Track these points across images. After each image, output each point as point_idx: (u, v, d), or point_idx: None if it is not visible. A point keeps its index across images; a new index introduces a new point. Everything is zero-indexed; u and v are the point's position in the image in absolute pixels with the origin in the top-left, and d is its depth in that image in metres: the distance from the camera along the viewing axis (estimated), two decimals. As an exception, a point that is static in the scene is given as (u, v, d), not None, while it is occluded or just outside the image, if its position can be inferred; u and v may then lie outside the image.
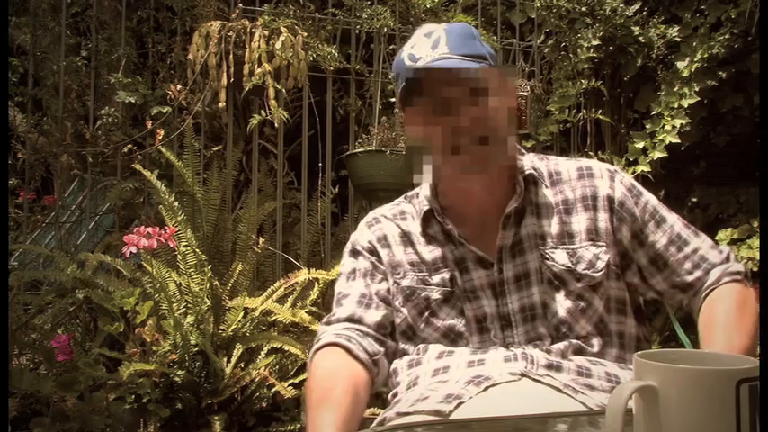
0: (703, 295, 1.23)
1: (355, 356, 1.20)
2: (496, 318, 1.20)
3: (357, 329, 1.24)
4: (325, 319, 1.30)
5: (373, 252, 1.30)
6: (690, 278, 1.25)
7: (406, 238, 1.29)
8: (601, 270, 1.21)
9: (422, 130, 1.20)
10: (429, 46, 1.20)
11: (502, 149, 1.20)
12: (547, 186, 1.27)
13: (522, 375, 1.10)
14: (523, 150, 1.32)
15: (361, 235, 1.33)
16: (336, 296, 1.32)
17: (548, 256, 1.22)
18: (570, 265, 1.21)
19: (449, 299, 1.23)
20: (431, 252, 1.26)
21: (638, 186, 1.30)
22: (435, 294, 1.23)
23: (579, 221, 1.24)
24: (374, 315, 1.26)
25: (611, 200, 1.24)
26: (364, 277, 1.29)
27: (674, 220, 1.28)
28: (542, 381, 1.09)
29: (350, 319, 1.25)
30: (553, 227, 1.24)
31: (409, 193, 1.38)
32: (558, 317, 1.19)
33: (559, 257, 1.21)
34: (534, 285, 1.21)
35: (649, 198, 1.29)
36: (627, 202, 1.25)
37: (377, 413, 1.25)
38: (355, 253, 1.32)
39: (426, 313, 1.24)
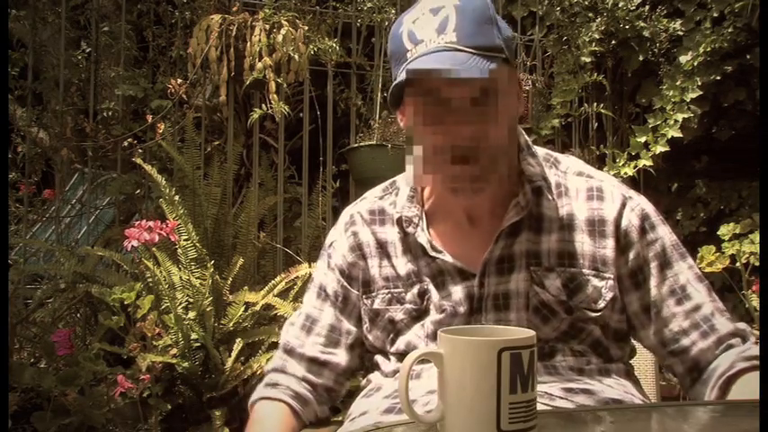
0: (716, 385, 1.01)
1: (302, 420, 1.15)
2: None
3: (315, 390, 1.17)
4: (288, 335, 1.21)
5: (344, 272, 1.17)
6: (684, 341, 1.06)
7: (382, 249, 1.15)
8: (601, 309, 1.06)
9: (415, 130, 1.03)
10: (434, 27, 1.00)
11: (503, 161, 1.03)
12: (551, 199, 1.09)
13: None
14: (534, 150, 1.13)
15: (338, 243, 1.20)
16: (305, 311, 1.21)
17: (538, 280, 1.06)
18: (563, 296, 1.05)
19: (419, 317, 1.11)
20: (406, 264, 1.12)
21: (655, 219, 1.11)
22: (400, 315, 1.11)
23: (582, 244, 1.07)
24: (325, 380, 1.17)
25: (617, 227, 1.07)
26: (334, 307, 1.18)
27: (684, 269, 1.09)
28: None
29: (314, 361, 1.17)
30: (552, 244, 1.07)
31: (396, 180, 1.21)
32: (542, 343, 1.05)
33: (551, 284, 1.06)
34: (513, 311, 1.06)
35: (663, 236, 1.10)
36: (632, 234, 1.08)
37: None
38: (330, 270, 1.20)
39: (392, 334, 1.13)
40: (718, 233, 2.85)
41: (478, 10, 1.02)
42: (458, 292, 1.08)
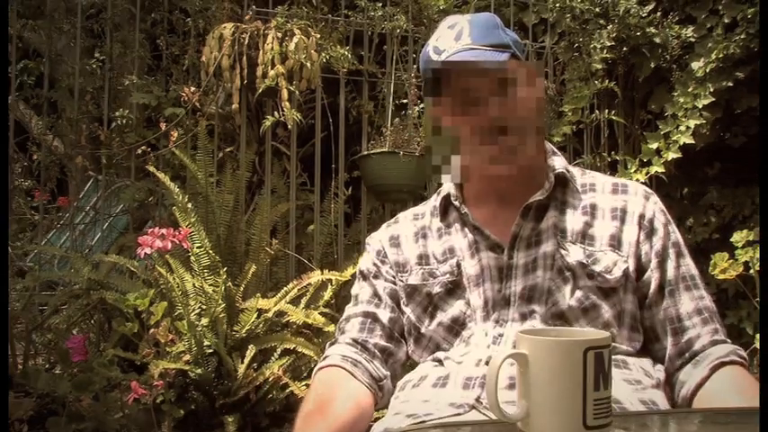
0: (709, 365, 1.11)
1: (359, 380, 1.18)
2: (498, 301, 1.17)
3: (364, 353, 1.22)
4: (337, 331, 1.30)
5: (380, 252, 1.31)
6: (687, 322, 1.16)
7: (421, 233, 1.29)
8: (616, 275, 1.15)
9: (448, 120, 1.17)
10: (452, 38, 1.19)
11: (529, 140, 1.17)
12: (577, 190, 1.24)
13: (472, 408, 1.06)
14: (557, 150, 1.29)
15: (377, 234, 1.34)
16: (352, 300, 1.32)
17: (563, 246, 1.18)
18: (585, 261, 1.16)
19: (453, 290, 1.21)
20: (443, 243, 1.25)
21: (669, 216, 1.25)
22: (437, 288, 1.22)
23: (604, 227, 1.20)
24: (377, 338, 1.24)
25: (641, 216, 1.21)
26: (372, 287, 1.29)
27: (692, 264, 1.22)
28: (488, 415, 1.03)
29: (355, 342, 1.23)
30: (576, 224, 1.20)
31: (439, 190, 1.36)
32: (558, 307, 1.14)
33: (575, 252, 1.17)
34: (540, 269, 1.17)
35: (676, 231, 1.24)
36: (656, 221, 1.21)
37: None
38: (368, 254, 1.33)
39: (430, 308, 1.22)
40: (731, 240, 2.84)
41: (487, 20, 1.23)
42: (487, 260, 1.20)
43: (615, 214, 1.21)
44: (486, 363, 1.10)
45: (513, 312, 1.16)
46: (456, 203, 1.26)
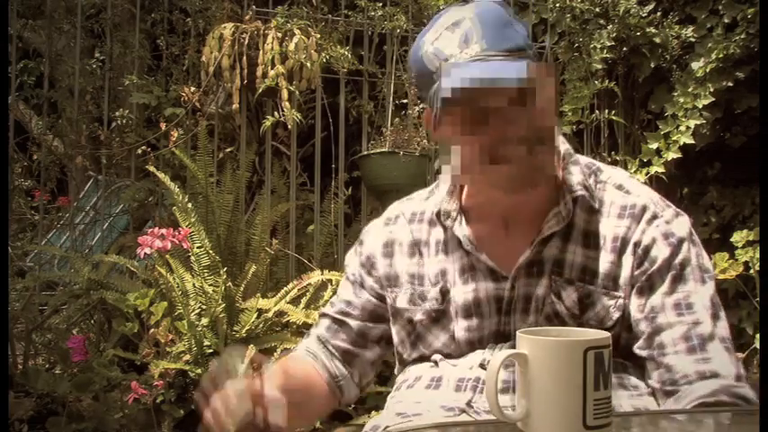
0: (691, 405, 0.96)
1: (317, 371, 1.19)
2: (493, 336, 1.08)
3: (325, 351, 1.21)
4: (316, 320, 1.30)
5: (369, 260, 1.20)
6: (668, 349, 1.00)
7: (415, 247, 1.16)
8: (607, 326, 1.04)
9: (459, 139, 1.03)
10: (459, 40, 1.00)
11: (549, 155, 1.03)
12: (592, 210, 1.08)
13: (462, 411, 1.02)
14: (577, 158, 1.12)
15: (373, 234, 1.22)
16: (337, 293, 1.28)
17: (556, 290, 1.06)
18: (576, 311, 1.05)
19: (438, 320, 1.11)
20: (438, 263, 1.13)
21: (683, 236, 1.05)
22: (419, 315, 1.12)
23: (603, 262, 1.06)
24: (340, 341, 1.21)
25: (636, 244, 1.05)
26: (352, 294, 1.22)
27: (700, 291, 1.03)
28: (477, 419, 1.00)
29: (319, 340, 1.22)
30: (576, 257, 1.06)
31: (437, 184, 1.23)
32: None
33: (567, 296, 1.05)
34: (532, 314, 1.06)
35: (689, 255, 1.04)
36: (653, 249, 1.04)
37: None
38: (359, 255, 1.23)
39: (412, 336, 1.14)
40: (731, 240, 2.84)
41: (498, 15, 1.03)
42: (485, 291, 1.08)
43: (615, 245, 1.06)
44: (480, 366, 1.07)
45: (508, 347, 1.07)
46: (448, 223, 1.11)
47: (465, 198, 1.14)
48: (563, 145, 1.12)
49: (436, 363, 1.14)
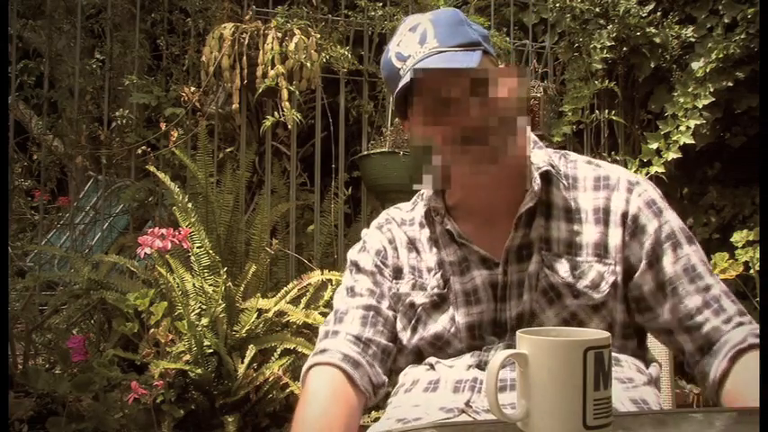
0: (727, 356, 1.04)
1: (356, 386, 1.12)
2: (490, 324, 1.13)
3: (366, 354, 1.15)
4: (327, 326, 1.21)
5: (381, 252, 1.23)
6: (699, 318, 1.09)
7: (412, 245, 1.23)
8: (604, 291, 1.11)
9: (424, 131, 1.10)
10: (416, 41, 1.11)
11: (511, 139, 1.09)
12: (563, 187, 1.16)
13: (462, 412, 1.04)
14: (541, 144, 1.22)
15: (373, 234, 1.27)
16: (345, 291, 1.23)
17: (548, 263, 1.12)
18: (570, 279, 1.11)
19: (439, 304, 1.16)
20: (433, 256, 1.19)
21: (661, 203, 1.16)
22: (421, 299, 1.17)
23: (589, 234, 1.13)
24: (380, 336, 1.17)
25: (624, 214, 1.13)
26: (373, 282, 1.22)
27: (693, 251, 1.13)
28: (477, 418, 1.02)
29: (358, 339, 1.16)
30: (561, 232, 1.13)
31: (421, 191, 1.28)
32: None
33: (560, 268, 1.11)
34: (527, 292, 1.11)
35: (671, 219, 1.15)
36: (641, 217, 1.13)
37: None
38: (366, 252, 1.25)
39: (413, 320, 1.17)
40: (731, 240, 2.84)
41: (451, 17, 1.14)
42: (481, 278, 1.14)
43: (598, 216, 1.13)
44: (477, 366, 1.10)
45: (507, 338, 1.11)
46: (438, 219, 1.19)
47: (448, 198, 1.21)
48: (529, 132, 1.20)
49: (432, 366, 1.15)
